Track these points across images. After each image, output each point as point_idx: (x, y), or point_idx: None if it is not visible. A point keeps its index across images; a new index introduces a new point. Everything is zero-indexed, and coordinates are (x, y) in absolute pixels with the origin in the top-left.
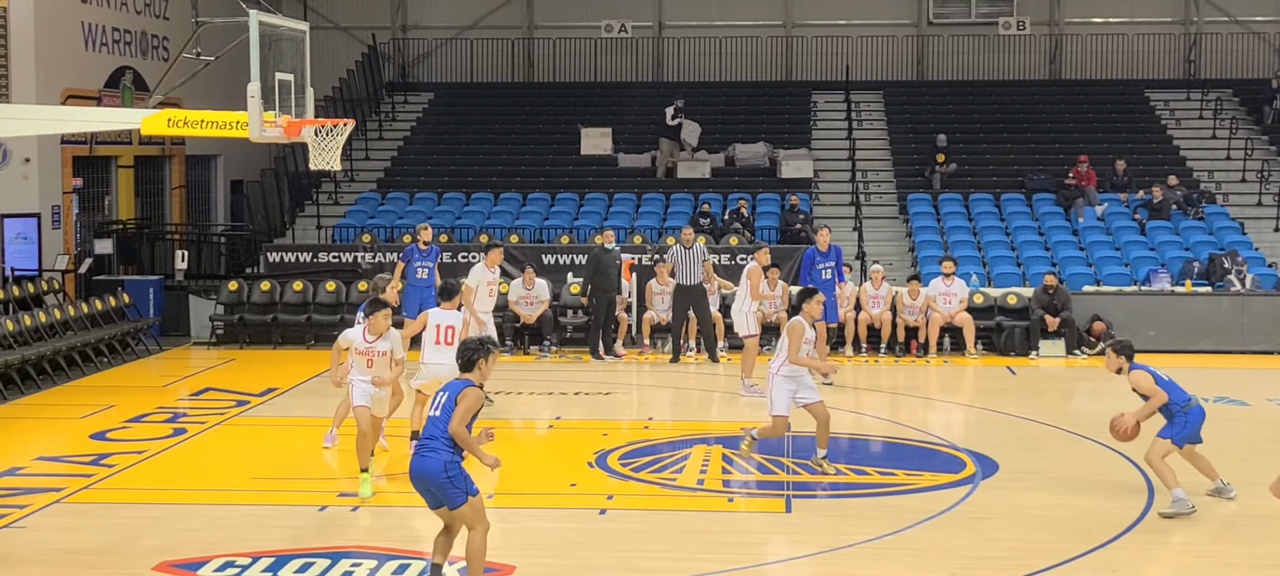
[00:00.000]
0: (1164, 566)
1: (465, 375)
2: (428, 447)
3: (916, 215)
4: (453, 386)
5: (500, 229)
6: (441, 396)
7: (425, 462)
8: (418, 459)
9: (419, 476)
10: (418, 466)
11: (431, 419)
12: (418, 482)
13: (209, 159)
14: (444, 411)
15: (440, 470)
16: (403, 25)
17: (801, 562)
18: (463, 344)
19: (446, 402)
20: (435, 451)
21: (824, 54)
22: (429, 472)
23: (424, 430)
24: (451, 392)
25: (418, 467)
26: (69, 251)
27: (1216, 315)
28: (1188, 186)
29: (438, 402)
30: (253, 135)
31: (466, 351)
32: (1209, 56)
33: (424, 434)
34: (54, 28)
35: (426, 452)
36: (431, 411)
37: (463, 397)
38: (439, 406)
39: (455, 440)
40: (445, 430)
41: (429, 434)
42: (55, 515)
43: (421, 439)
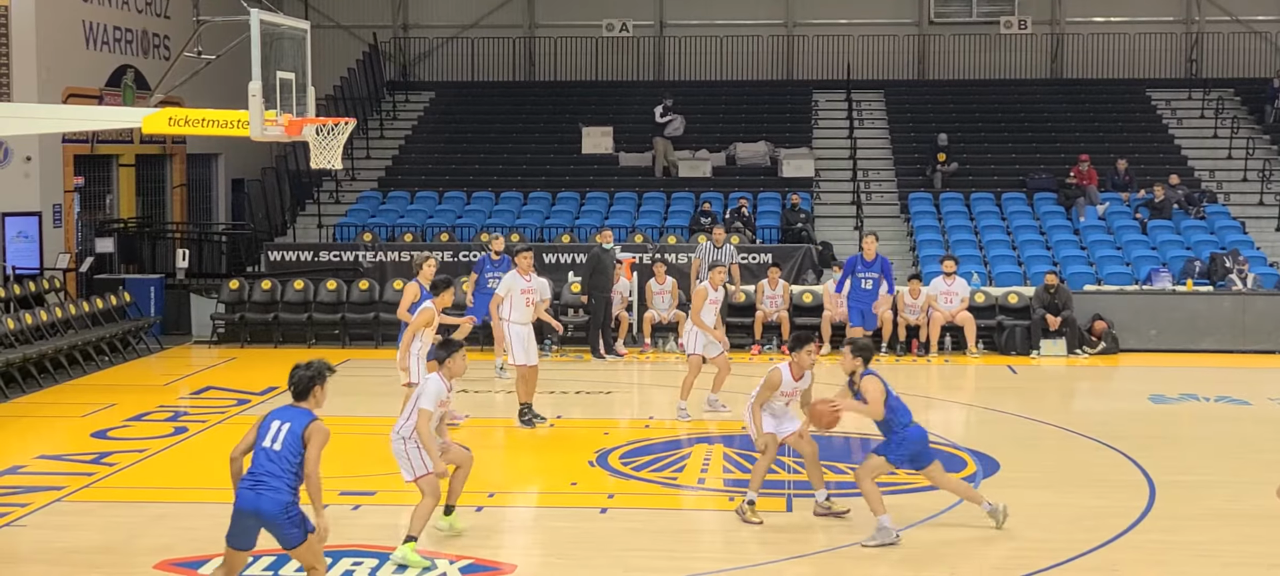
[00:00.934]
0: (1165, 566)
1: (300, 404)
2: (265, 484)
3: (918, 214)
4: (295, 419)
5: (501, 228)
6: (279, 427)
7: (263, 500)
8: (253, 494)
9: (256, 513)
10: (254, 502)
11: (268, 452)
12: (250, 520)
13: (210, 157)
14: (286, 447)
15: (280, 510)
16: (404, 24)
17: (802, 562)
18: (295, 367)
19: (289, 438)
20: (276, 490)
21: (825, 53)
22: (267, 511)
23: (258, 463)
24: (294, 427)
25: (254, 504)
26: (70, 250)
27: (1218, 314)
28: (1189, 186)
29: (276, 435)
30: (254, 134)
31: (301, 378)
32: (1210, 56)
33: (259, 469)
34: (55, 26)
35: (264, 489)
36: (267, 443)
37: (313, 435)
38: (278, 439)
39: (307, 484)
40: (289, 469)
41: (266, 470)
42: (56, 514)
43: (256, 474)
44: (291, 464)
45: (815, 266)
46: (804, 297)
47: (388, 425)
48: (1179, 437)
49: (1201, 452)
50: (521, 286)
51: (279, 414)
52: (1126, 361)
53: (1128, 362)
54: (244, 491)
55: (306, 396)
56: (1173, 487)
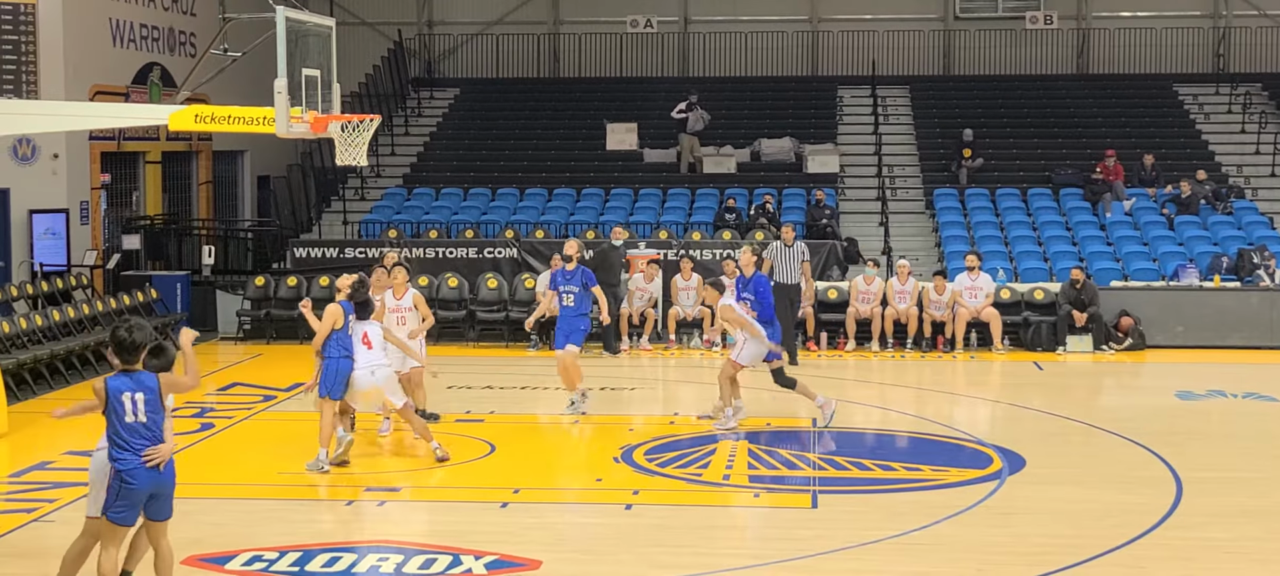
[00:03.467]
0: (1191, 563)
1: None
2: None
3: (943, 210)
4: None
5: (526, 225)
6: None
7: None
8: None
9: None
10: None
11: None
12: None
13: (236, 154)
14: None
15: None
16: (428, 21)
17: (827, 558)
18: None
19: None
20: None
21: (850, 49)
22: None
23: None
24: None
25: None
26: (97, 247)
27: (1245, 310)
28: (1216, 181)
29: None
30: (280, 131)
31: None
32: (1238, 50)
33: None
34: (82, 24)
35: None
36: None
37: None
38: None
39: None
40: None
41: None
42: (84, 509)
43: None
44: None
45: (840, 262)
46: (829, 293)
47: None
48: (1206, 434)
49: (1229, 449)
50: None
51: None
52: (1153, 358)
53: (1154, 359)
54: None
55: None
56: (1199, 484)
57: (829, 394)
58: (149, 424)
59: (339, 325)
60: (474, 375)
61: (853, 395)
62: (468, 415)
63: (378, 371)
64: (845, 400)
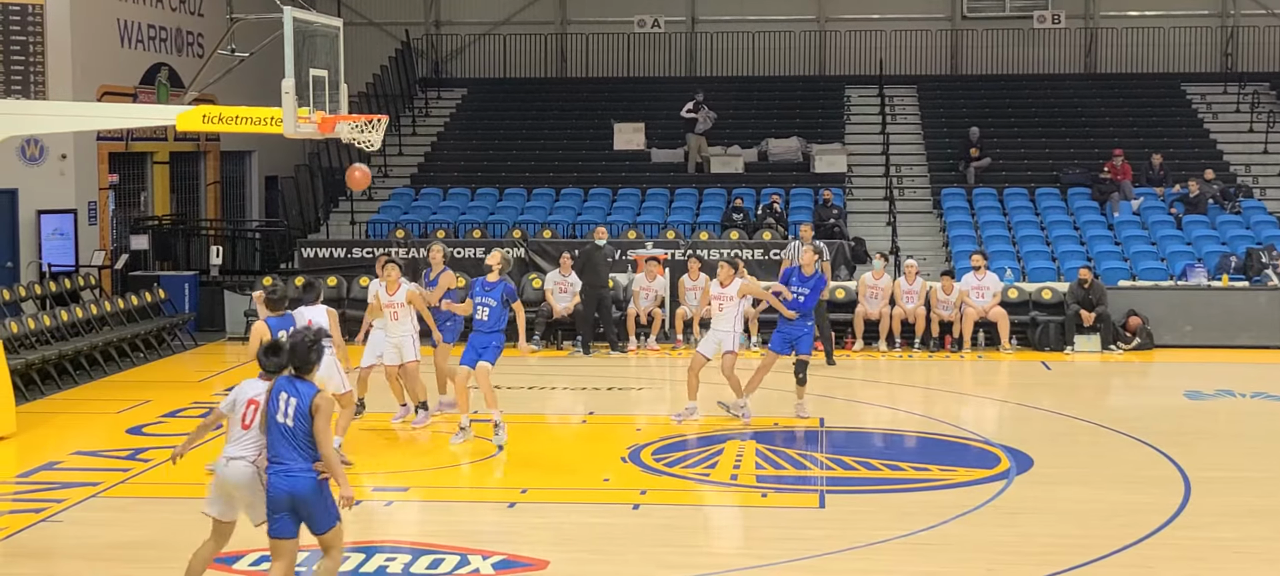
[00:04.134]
0: (1200, 562)
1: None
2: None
3: (950, 210)
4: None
5: (534, 224)
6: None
7: (298, 482)
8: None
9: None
10: (290, 486)
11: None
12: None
13: (244, 154)
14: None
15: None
16: (436, 21)
17: (835, 558)
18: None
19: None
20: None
21: (857, 48)
22: (302, 491)
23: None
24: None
25: (290, 487)
26: (105, 247)
27: (1253, 310)
28: (1224, 180)
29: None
30: (287, 131)
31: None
32: (1246, 49)
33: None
34: (90, 24)
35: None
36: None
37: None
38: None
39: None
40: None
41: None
42: (92, 509)
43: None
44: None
45: (848, 262)
46: (836, 293)
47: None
48: (1214, 433)
49: (1237, 448)
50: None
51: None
52: (1161, 357)
53: (1163, 358)
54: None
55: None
56: (1208, 484)
57: (836, 393)
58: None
59: (266, 340)
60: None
61: (861, 395)
62: (475, 415)
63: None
64: (853, 400)
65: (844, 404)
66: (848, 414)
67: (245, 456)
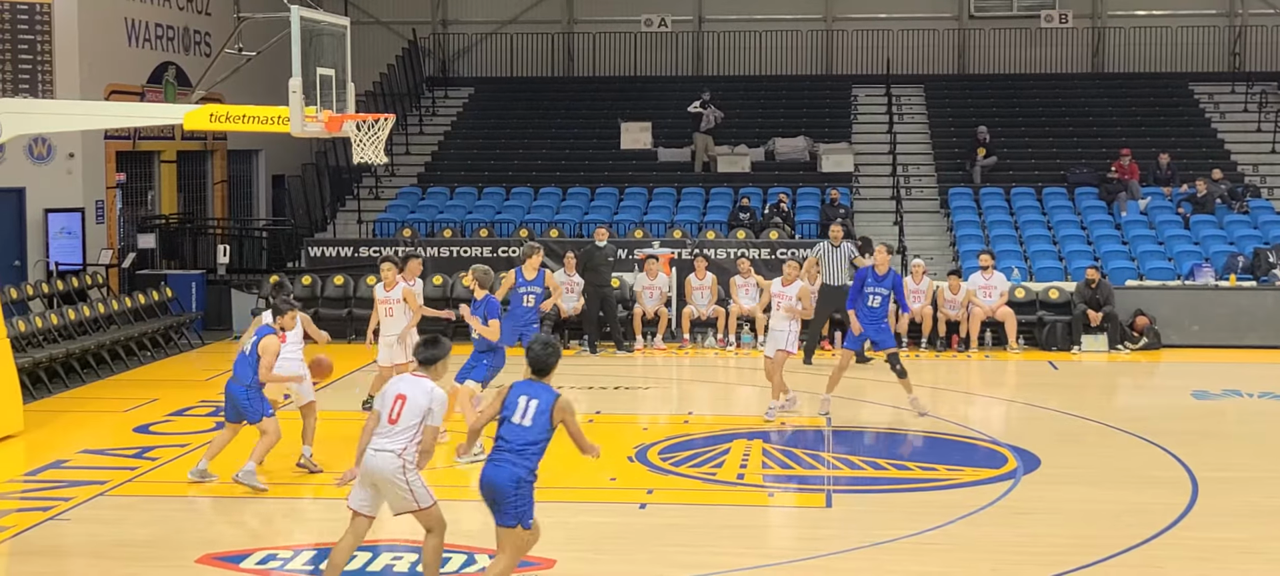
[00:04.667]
0: (1207, 563)
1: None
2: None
3: (958, 209)
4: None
5: (540, 224)
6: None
7: (500, 473)
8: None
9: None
10: (492, 476)
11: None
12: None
13: (251, 153)
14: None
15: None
16: (443, 20)
17: (841, 557)
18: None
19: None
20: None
21: (864, 48)
22: (500, 483)
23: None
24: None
25: (493, 477)
26: (112, 246)
27: (1261, 310)
28: (1232, 180)
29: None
30: (294, 130)
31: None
32: (1254, 49)
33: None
34: (97, 23)
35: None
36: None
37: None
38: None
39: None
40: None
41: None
42: (99, 507)
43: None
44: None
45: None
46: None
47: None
48: (1222, 433)
49: (1244, 449)
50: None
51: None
52: (1169, 357)
53: (1170, 358)
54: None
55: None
56: (1215, 484)
57: (845, 393)
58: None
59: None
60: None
61: (868, 394)
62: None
63: (284, 365)
64: (860, 399)
65: (850, 403)
66: (854, 413)
67: (392, 448)
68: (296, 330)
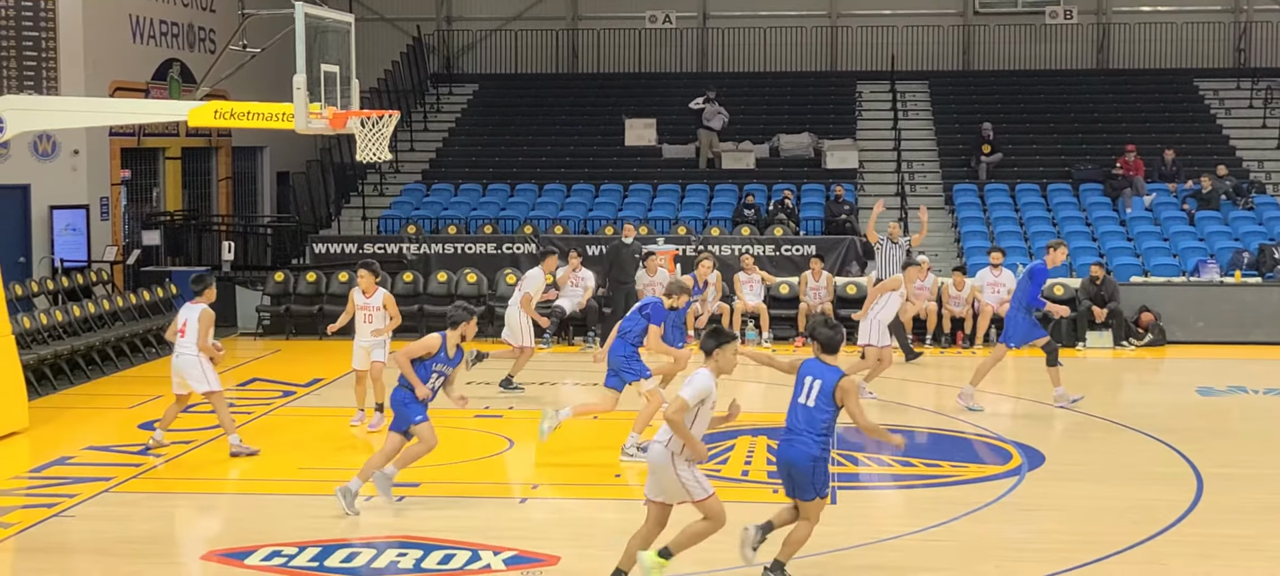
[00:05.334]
0: (1212, 560)
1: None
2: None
3: (962, 206)
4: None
5: (545, 220)
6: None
7: (795, 453)
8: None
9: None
10: (788, 455)
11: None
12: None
13: (255, 150)
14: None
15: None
16: (447, 17)
17: (846, 554)
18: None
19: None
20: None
21: (869, 44)
22: (798, 462)
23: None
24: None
25: (789, 456)
26: (117, 243)
27: (1266, 306)
28: (1237, 176)
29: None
30: (299, 127)
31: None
32: (1259, 45)
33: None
34: (102, 20)
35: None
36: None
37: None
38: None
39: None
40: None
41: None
42: (104, 504)
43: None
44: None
45: (859, 258)
46: (847, 289)
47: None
48: (1227, 430)
49: (1249, 445)
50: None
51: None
52: (1174, 353)
53: (1175, 354)
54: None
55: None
56: (1220, 481)
57: None
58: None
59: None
60: (492, 371)
61: (872, 390)
62: (486, 410)
63: (179, 358)
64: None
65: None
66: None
67: (660, 439)
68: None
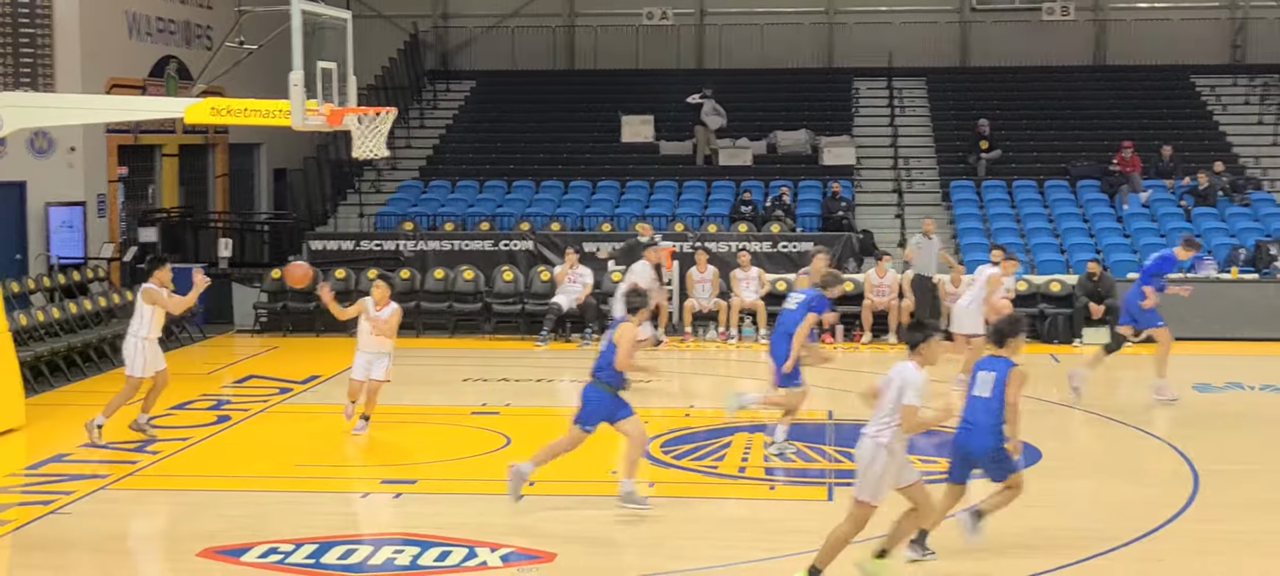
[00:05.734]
0: (1208, 555)
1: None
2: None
3: (959, 202)
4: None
5: (541, 217)
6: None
7: (974, 440)
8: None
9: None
10: (967, 442)
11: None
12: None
13: (252, 147)
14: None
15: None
16: (444, 13)
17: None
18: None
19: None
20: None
21: (866, 41)
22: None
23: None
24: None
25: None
26: (114, 240)
27: (1262, 302)
28: (1234, 173)
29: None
30: (295, 123)
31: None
32: (1255, 41)
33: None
34: (98, 17)
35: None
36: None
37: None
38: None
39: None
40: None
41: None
42: (101, 501)
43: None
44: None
45: (856, 254)
46: (845, 286)
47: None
48: (1223, 426)
49: (1246, 441)
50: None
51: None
52: (1170, 350)
53: (1172, 351)
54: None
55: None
56: (1217, 476)
57: (847, 386)
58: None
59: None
60: (489, 368)
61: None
62: (484, 407)
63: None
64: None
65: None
66: (856, 407)
67: (867, 432)
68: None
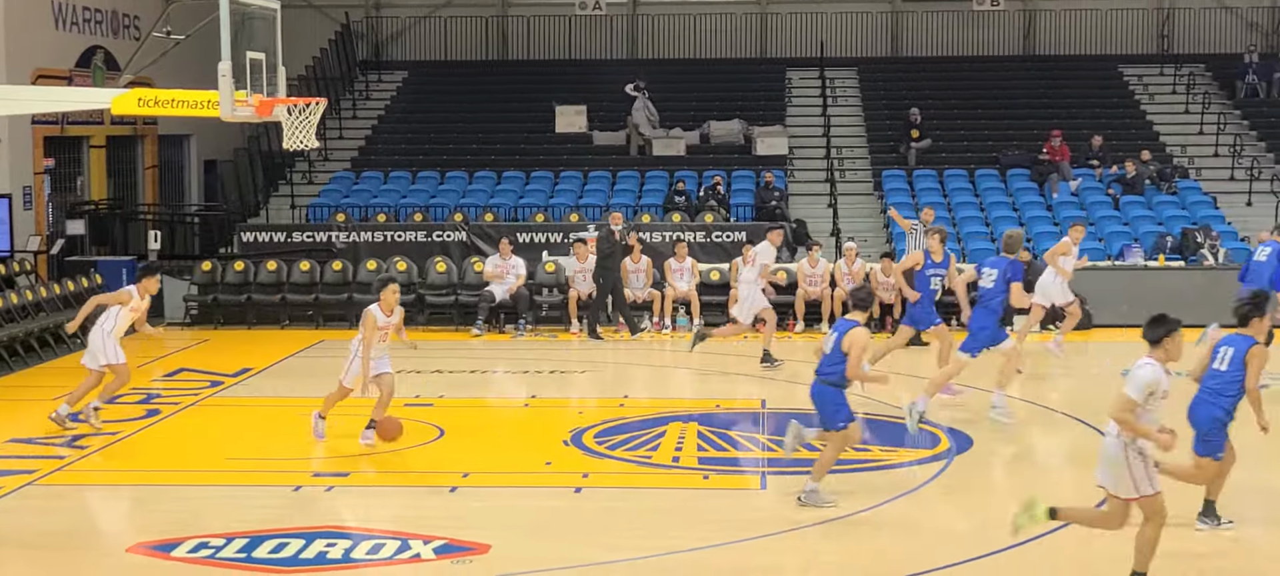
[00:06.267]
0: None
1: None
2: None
3: (891, 191)
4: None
5: (475, 207)
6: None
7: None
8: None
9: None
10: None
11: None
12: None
13: (182, 138)
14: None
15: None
16: (376, 3)
17: (776, 538)
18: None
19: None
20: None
21: (799, 31)
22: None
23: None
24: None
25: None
26: (41, 232)
27: (1189, 290)
28: (1161, 161)
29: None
30: (224, 114)
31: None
32: (1182, 32)
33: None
34: (24, 6)
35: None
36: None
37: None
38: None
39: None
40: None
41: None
42: (28, 498)
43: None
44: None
45: (789, 244)
46: (778, 276)
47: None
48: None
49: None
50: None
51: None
52: (1099, 337)
53: (1100, 338)
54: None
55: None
56: None
57: (777, 375)
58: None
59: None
60: (423, 359)
61: (802, 377)
62: (417, 399)
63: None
64: (794, 382)
65: (785, 385)
66: (789, 395)
67: (1113, 431)
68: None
